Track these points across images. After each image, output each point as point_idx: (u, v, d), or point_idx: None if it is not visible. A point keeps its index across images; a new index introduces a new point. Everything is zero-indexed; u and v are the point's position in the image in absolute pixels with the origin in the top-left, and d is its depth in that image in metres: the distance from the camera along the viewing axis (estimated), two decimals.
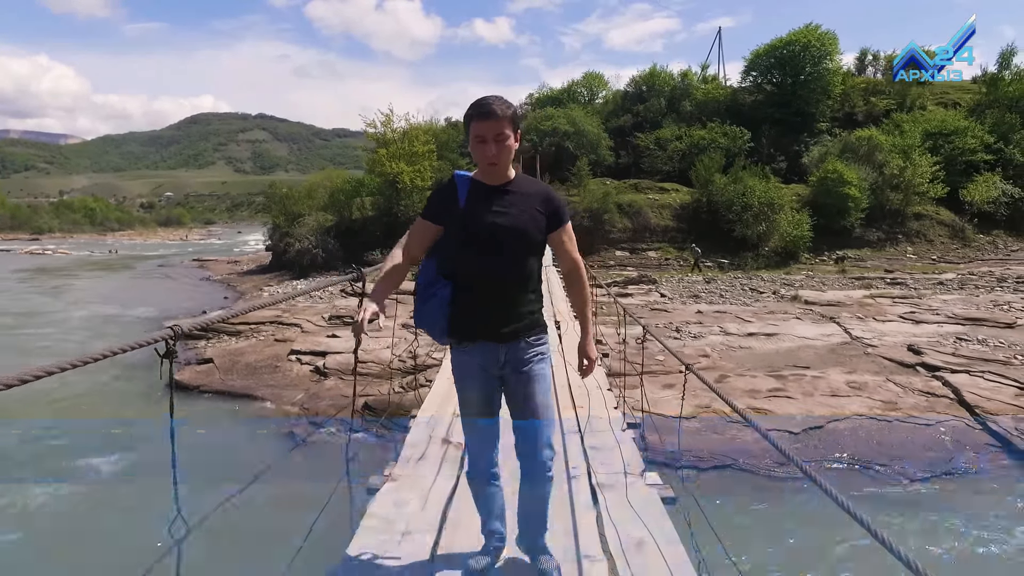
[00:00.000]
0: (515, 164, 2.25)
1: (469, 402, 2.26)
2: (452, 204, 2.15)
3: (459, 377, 2.28)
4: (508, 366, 2.20)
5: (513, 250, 2.12)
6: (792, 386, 8.52)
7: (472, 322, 2.16)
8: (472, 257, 2.12)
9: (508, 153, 2.09)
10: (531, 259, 2.18)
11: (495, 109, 2.03)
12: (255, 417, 8.47)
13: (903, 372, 9.21)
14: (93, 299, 19.97)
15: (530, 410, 2.22)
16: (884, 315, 13.24)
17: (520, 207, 2.13)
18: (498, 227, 2.09)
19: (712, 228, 23.25)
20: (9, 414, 8.03)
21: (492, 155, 2.06)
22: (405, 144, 22.61)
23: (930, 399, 8.12)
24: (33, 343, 13.39)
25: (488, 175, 2.14)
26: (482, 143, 2.06)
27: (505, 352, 2.18)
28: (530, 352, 2.21)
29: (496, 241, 2.09)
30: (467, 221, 2.10)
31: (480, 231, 2.10)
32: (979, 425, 7.32)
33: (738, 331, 11.67)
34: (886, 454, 6.75)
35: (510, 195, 2.15)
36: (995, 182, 25.92)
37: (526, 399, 2.22)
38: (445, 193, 2.20)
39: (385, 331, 11.59)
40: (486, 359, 2.19)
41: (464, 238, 2.11)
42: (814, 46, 30.10)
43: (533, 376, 2.22)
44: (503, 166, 2.12)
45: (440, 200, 2.20)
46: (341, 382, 9.32)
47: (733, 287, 17.49)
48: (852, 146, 26.84)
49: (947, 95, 33.69)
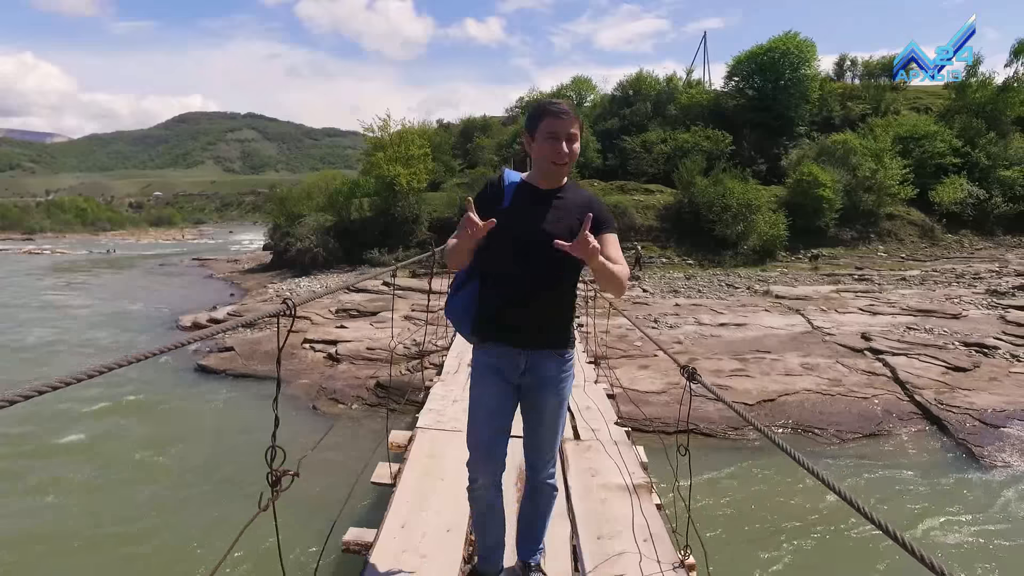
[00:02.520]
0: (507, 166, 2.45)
1: (481, 404, 2.20)
2: (496, 201, 2.09)
3: (476, 377, 2.22)
4: (529, 375, 2.15)
5: (548, 258, 2.01)
6: (752, 367, 9.70)
7: (496, 324, 2.12)
8: (506, 259, 2.08)
9: (575, 156, 2.05)
10: (566, 269, 2.10)
11: (568, 109, 2.02)
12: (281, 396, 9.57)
13: (852, 356, 10.41)
14: (113, 296, 21.00)
15: (545, 427, 2.20)
16: (845, 308, 14.47)
17: (562, 214, 2.08)
18: (536, 233, 2.04)
19: (694, 228, 24.45)
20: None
21: (564, 154, 2.02)
22: (402, 148, 23.63)
23: (870, 377, 9.33)
24: (78, 336, 14.43)
25: (550, 176, 2.09)
26: (555, 140, 2.01)
27: (527, 360, 2.13)
28: (555, 367, 2.16)
29: (531, 247, 2.04)
30: (506, 223, 2.01)
31: (517, 234, 2.05)
32: (907, 398, 8.53)
33: (711, 322, 12.86)
34: (826, 421, 7.94)
35: (557, 201, 2.10)
36: (962, 184, 27.31)
37: (543, 415, 2.19)
38: (491, 189, 2.15)
39: (390, 323, 12.65)
40: (506, 364, 2.14)
41: (500, 239, 2.03)
42: (793, 53, 31.38)
43: (555, 394, 2.18)
44: (567, 168, 2.08)
45: (486, 197, 2.13)
46: (353, 366, 10.38)
47: (711, 283, 18.72)
48: (828, 149, 28.12)
49: (920, 100, 35.15)
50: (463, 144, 35.49)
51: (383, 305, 14.32)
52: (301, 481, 1.98)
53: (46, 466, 7.16)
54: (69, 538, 5.61)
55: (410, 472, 3.55)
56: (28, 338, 14.08)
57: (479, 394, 2.20)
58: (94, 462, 7.29)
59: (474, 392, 2.23)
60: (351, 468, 4.43)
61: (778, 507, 6.05)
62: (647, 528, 3.01)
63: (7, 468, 7.04)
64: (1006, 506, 6.04)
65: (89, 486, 6.71)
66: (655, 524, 3.07)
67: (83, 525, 5.82)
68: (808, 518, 5.80)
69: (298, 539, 4.89)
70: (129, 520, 5.88)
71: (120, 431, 8.22)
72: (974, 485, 6.45)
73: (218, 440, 7.87)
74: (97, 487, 6.68)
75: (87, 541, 5.57)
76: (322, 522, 4.61)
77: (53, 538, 5.61)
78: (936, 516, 5.85)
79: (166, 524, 5.81)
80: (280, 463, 1.88)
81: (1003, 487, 6.39)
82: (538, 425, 2.21)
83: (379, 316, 13.43)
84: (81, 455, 7.50)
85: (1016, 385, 8.71)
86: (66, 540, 5.58)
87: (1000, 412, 7.79)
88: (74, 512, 6.10)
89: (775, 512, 5.96)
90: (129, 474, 6.97)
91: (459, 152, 34.33)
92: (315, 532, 4.69)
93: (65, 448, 7.65)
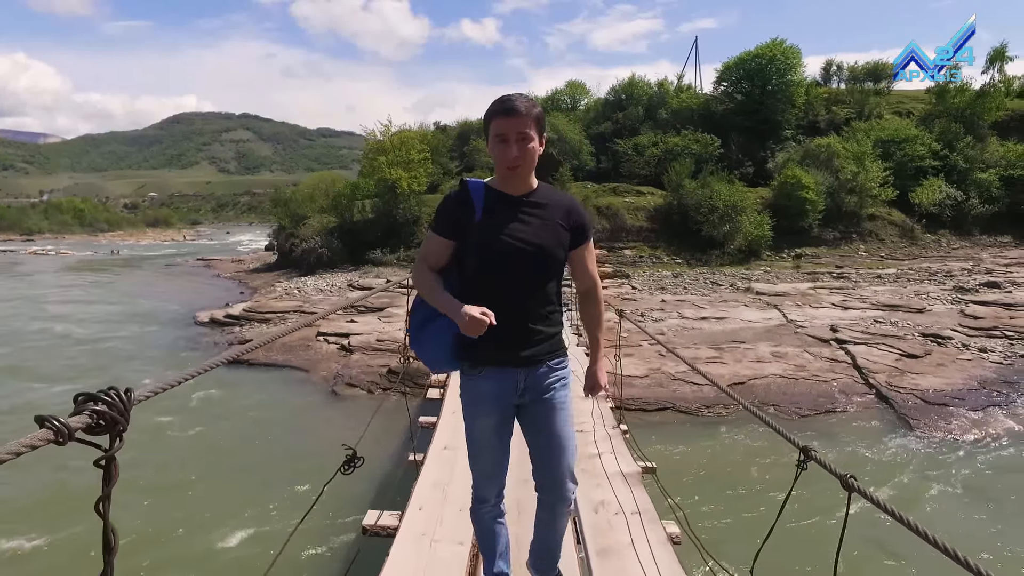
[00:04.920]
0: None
1: (480, 432, 2.07)
2: (466, 216, 1.94)
3: (469, 406, 2.07)
4: (528, 393, 2.03)
5: (535, 268, 1.93)
6: (727, 355, 10.74)
7: (488, 345, 1.92)
8: (489, 275, 1.93)
9: (531, 157, 1.88)
10: (553, 277, 2.01)
11: (518, 105, 1.84)
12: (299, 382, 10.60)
13: (819, 345, 11.47)
14: (132, 294, 22.40)
15: (554, 442, 2.07)
16: (820, 303, 15.54)
17: (542, 221, 1.94)
18: (519, 243, 1.91)
19: (682, 228, 25.53)
20: None
21: (513, 157, 1.85)
22: (402, 152, 24.64)
23: (832, 364, 10.38)
24: (118, 329, 15.67)
25: (508, 182, 1.94)
26: (503, 143, 1.86)
27: (525, 378, 2.01)
28: (552, 377, 2.05)
29: (516, 259, 1.91)
30: (484, 236, 1.91)
31: (499, 247, 1.91)
32: (863, 381, 9.59)
33: (693, 316, 13.90)
34: (788, 400, 8.99)
35: (532, 207, 1.95)
36: (940, 186, 28.45)
37: (550, 430, 2.07)
38: (458, 204, 1.96)
39: (397, 318, 13.61)
40: (503, 386, 2.01)
41: (480, 254, 1.92)
42: (779, 59, 32.51)
43: (556, 404, 2.06)
44: (525, 171, 1.91)
45: (452, 212, 1.96)
46: (365, 356, 11.38)
47: (697, 281, 19.80)
48: (813, 152, 29.24)
49: (902, 105, 36.31)
50: (460, 147, 36.45)
51: (388, 301, 15.29)
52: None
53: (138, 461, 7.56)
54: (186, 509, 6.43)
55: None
56: (86, 331, 15.47)
57: (477, 428, 2.07)
58: (169, 449, 8.08)
59: (471, 425, 2.08)
60: (384, 441, 5.41)
61: (744, 467, 7.10)
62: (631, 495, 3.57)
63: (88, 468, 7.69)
64: (937, 465, 7.10)
65: (179, 469, 7.52)
66: (640, 495, 3.63)
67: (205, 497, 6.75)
68: (767, 477, 6.84)
69: (362, 501, 5.72)
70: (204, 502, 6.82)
71: (177, 418, 9.12)
72: (910, 450, 7.52)
73: (263, 426, 8.82)
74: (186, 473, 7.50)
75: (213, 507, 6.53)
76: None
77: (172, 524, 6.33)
78: (876, 475, 6.90)
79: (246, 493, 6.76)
80: (350, 449, 2.49)
81: (936, 451, 7.46)
82: (547, 445, 2.07)
83: (386, 311, 14.42)
84: (160, 442, 8.23)
85: (959, 370, 9.79)
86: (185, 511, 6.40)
87: (940, 392, 8.87)
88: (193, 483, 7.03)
89: (742, 471, 7.00)
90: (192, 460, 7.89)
91: (456, 154, 35.32)
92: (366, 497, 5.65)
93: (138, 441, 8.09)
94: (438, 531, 3.10)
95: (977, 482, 6.67)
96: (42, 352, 13.24)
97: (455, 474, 3.77)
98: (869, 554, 5.25)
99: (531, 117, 1.86)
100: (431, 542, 2.99)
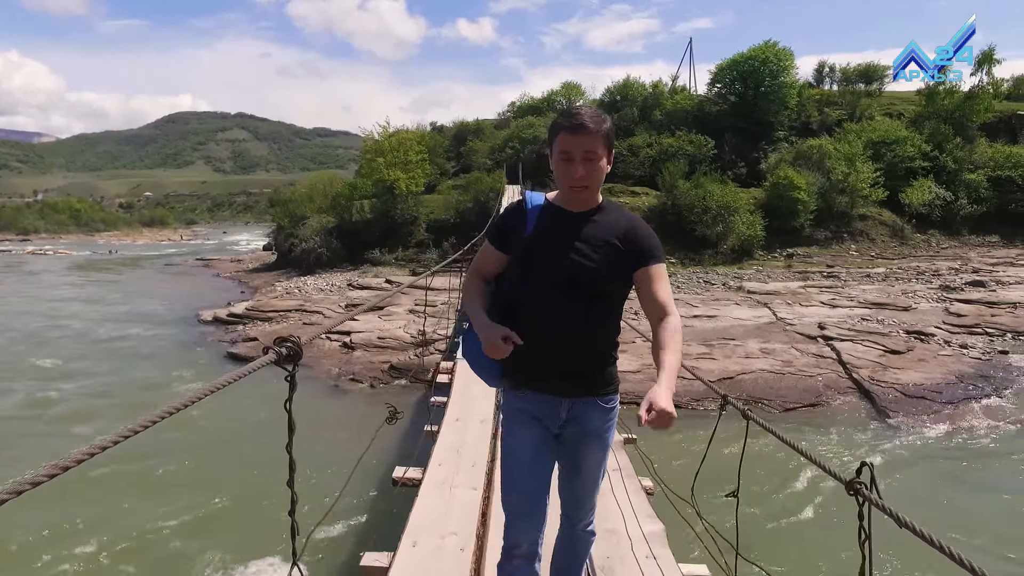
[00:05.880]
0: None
1: (518, 456, 1.93)
2: (519, 230, 1.87)
3: (507, 420, 1.98)
4: (570, 426, 1.91)
5: (586, 291, 1.79)
6: (717, 352, 11.12)
7: (532, 368, 1.84)
8: (537, 295, 1.82)
9: (598, 176, 1.79)
10: (607, 303, 1.86)
11: (587, 122, 1.74)
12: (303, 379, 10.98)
13: (806, 342, 11.87)
14: (134, 294, 22.87)
15: (583, 478, 1.98)
16: (810, 301, 15.95)
17: (595, 240, 1.81)
18: (568, 263, 1.79)
19: (676, 228, 25.90)
20: None
21: (579, 177, 1.76)
22: (400, 153, 24.98)
23: (818, 359, 10.78)
24: (127, 328, 16.07)
25: (570, 200, 1.85)
26: (567, 161, 1.77)
27: (568, 408, 1.88)
28: (599, 415, 1.91)
29: (565, 280, 1.79)
30: (527, 252, 1.84)
31: (547, 266, 1.81)
32: (846, 376, 9.99)
33: (686, 314, 14.26)
34: (774, 394, 9.38)
35: (589, 225, 1.83)
36: (930, 187, 28.92)
37: (584, 469, 1.97)
38: (512, 217, 1.92)
39: (398, 316, 14.00)
40: (544, 411, 1.89)
41: (528, 272, 1.84)
42: (772, 61, 32.94)
43: (600, 447, 1.95)
44: (592, 191, 1.82)
45: (506, 223, 1.93)
46: (366, 353, 11.73)
47: (690, 280, 20.21)
48: (805, 153, 29.69)
49: (893, 106, 36.81)
50: (456, 147, 36.78)
51: (388, 300, 15.64)
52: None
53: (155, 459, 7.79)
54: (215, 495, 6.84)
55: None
56: (99, 330, 15.87)
57: (515, 445, 1.93)
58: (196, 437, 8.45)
59: (508, 443, 1.96)
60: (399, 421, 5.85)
61: (731, 459, 7.48)
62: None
63: (110, 471, 7.37)
64: (911, 452, 7.51)
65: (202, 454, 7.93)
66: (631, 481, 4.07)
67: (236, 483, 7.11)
68: (757, 469, 7.22)
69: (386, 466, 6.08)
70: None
71: (188, 417, 9.47)
72: (887, 438, 7.93)
73: (276, 420, 9.12)
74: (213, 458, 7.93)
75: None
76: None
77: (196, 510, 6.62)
78: (853, 463, 7.29)
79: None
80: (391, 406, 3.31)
81: (912, 440, 7.87)
82: (576, 476, 1.98)
83: (386, 310, 14.76)
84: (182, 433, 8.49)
85: (939, 365, 10.20)
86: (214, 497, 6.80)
87: (919, 386, 9.28)
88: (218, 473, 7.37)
89: (729, 462, 7.38)
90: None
91: (452, 155, 35.64)
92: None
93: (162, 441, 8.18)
94: (455, 479, 3.69)
95: (948, 467, 7.11)
96: (66, 349, 13.68)
97: (466, 439, 4.31)
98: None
99: (600, 134, 1.75)
100: (450, 488, 3.59)
